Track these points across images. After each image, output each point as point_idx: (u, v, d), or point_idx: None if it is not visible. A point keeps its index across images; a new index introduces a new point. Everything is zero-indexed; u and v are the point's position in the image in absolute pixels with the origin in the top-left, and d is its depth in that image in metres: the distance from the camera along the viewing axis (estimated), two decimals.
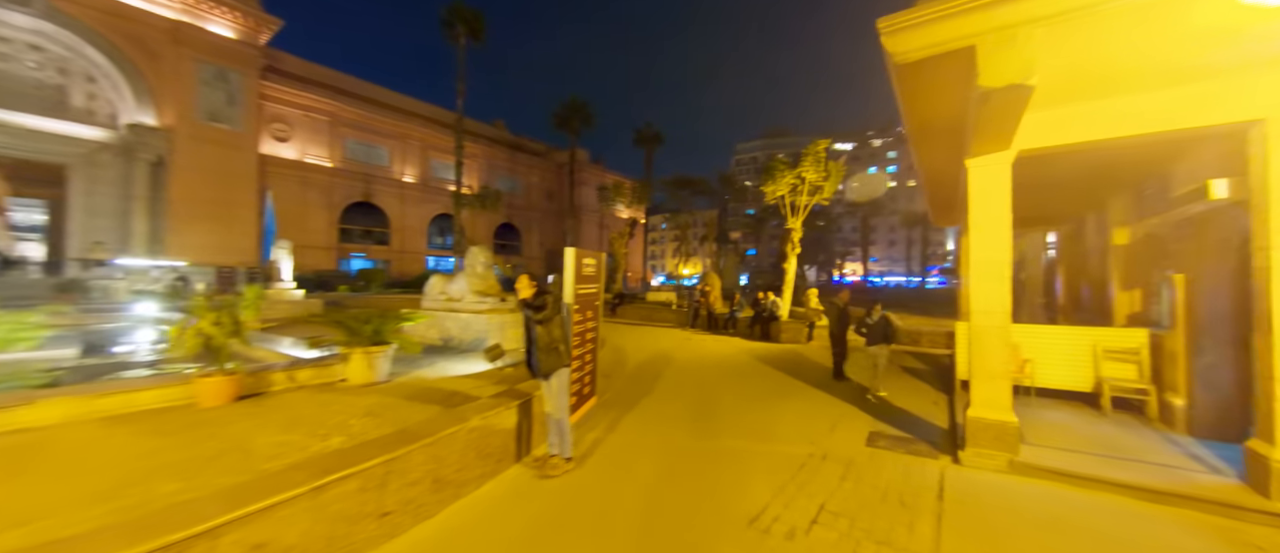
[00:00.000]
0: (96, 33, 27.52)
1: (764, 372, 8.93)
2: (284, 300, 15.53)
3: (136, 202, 29.53)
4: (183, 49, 30.55)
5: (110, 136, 29.48)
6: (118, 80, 28.97)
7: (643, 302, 24.46)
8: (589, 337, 5.64)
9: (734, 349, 11.62)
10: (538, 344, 4.24)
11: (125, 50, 28.65)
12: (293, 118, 37.63)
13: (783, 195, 14.17)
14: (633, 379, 7.94)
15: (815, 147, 13.07)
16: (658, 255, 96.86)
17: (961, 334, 6.87)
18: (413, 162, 45.26)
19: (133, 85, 29.09)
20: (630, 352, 10.91)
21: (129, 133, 29.14)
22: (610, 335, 13.64)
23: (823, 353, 11.20)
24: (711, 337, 14.03)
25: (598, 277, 5.77)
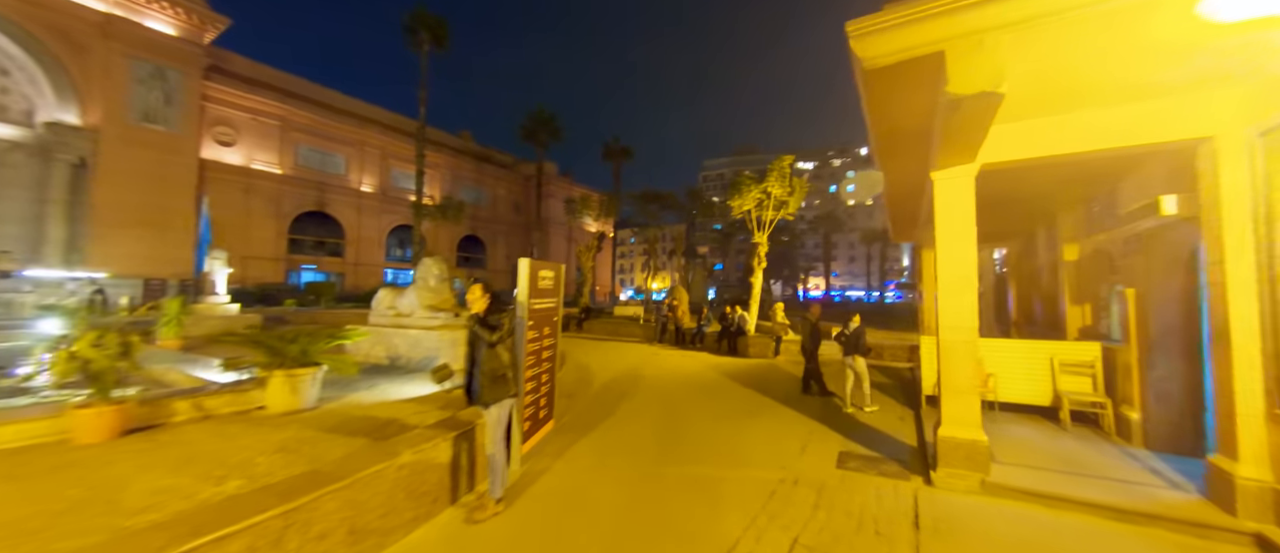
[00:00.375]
0: (9, 21, 25.08)
1: (732, 388, 8.68)
2: (215, 316, 14.21)
3: (53, 206, 26.82)
4: (114, 44, 28.29)
5: (23, 135, 26.79)
6: (35, 74, 26.46)
7: (610, 316, 24.02)
8: (546, 356, 5.22)
9: (702, 365, 11.37)
10: (482, 368, 3.78)
11: (45, 42, 26.24)
12: (239, 121, 35.47)
13: (749, 210, 14.20)
14: (596, 399, 7.51)
15: (780, 162, 13.19)
16: (627, 270, 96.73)
17: (928, 349, 6.84)
18: (371, 170, 43.48)
19: (53, 80, 26.62)
20: (596, 369, 10.47)
21: (46, 132, 26.58)
22: (576, 351, 13.14)
23: (791, 367, 11.10)
24: (679, 352, 13.76)
25: (556, 290, 5.37)
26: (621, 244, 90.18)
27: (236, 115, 35.37)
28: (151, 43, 29.49)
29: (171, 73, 30.40)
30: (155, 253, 29.00)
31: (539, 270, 4.86)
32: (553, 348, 5.39)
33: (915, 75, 3.62)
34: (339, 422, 4.66)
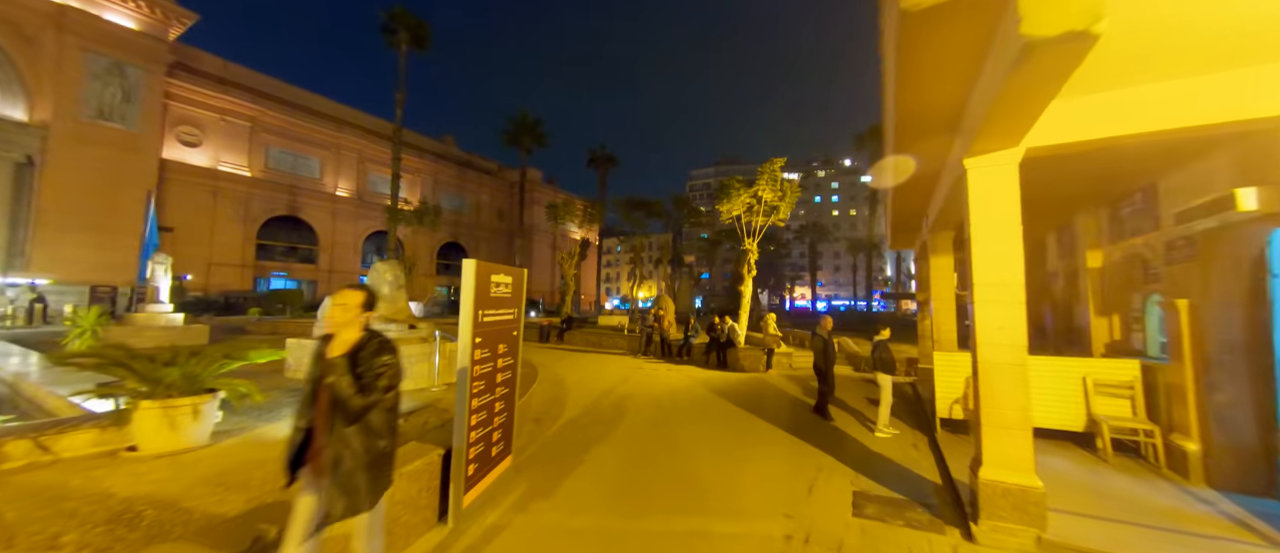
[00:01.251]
0: None
1: (723, 409, 7.79)
2: (154, 327, 12.84)
3: None
4: (68, 37, 26.63)
5: None
6: None
7: (594, 326, 23.02)
8: (502, 380, 4.27)
9: (689, 380, 10.46)
10: (350, 445, 2.14)
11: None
12: (205, 121, 33.82)
13: (738, 215, 13.45)
14: (569, 425, 6.54)
15: (771, 165, 12.50)
16: (613, 278, 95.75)
17: (943, 367, 6.05)
18: (347, 174, 41.99)
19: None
20: (572, 386, 9.49)
21: None
22: (553, 365, 12.13)
23: (785, 382, 10.27)
24: (665, 365, 12.84)
25: (514, 299, 4.44)
26: (608, 253, 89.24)
27: (203, 115, 33.73)
28: (110, 36, 27.87)
29: (131, 69, 28.76)
30: (106, 259, 27.10)
31: (491, 275, 3.93)
32: (511, 370, 4.45)
33: (962, 27, 2.84)
34: (232, 467, 3.64)
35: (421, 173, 48.16)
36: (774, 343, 11.85)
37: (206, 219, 33.24)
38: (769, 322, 11.86)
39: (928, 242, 7.36)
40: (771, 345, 11.75)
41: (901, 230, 9.42)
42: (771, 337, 11.84)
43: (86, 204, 26.68)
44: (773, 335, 11.81)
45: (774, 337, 11.79)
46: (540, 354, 14.73)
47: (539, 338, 18.98)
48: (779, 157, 12.47)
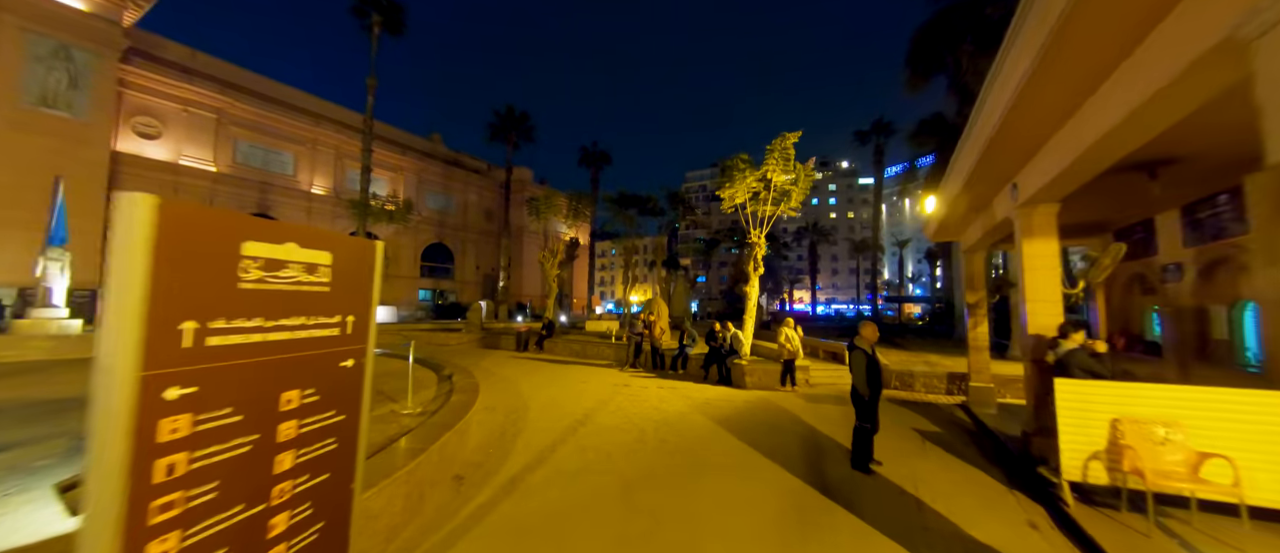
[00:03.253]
0: None
1: (732, 454, 5.71)
2: (41, 335, 10.61)
3: None
4: (5, 15, 24.31)
5: None
6: None
7: (580, 332, 20.90)
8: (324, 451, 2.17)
9: (685, 402, 8.38)
10: None
11: None
12: (166, 112, 31.50)
13: (742, 203, 11.43)
14: (505, 491, 4.43)
15: (783, 141, 10.48)
16: (608, 281, 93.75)
17: (1073, 402, 3.99)
18: (324, 171, 39.70)
19: None
20: (535, 412, 7.38)
21: None
22: (520, 381, 10.02)
23: (803, 406, 8.19)
24: (656, 380, 10.76)
25: (355, 296, 2.35)
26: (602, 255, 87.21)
27: (163, 105, 31.40)
28: (54, 16, 25.58)
29: (79, 52, 26.45)
30: None
31: (229, 230, 1.82)
32: (347, 440, 2.33)
33: None
34: None
35: (405, 170, 45.95)
36: (786, 351, 9.78)
37: None
38: (787, 330, 9.79)
39: (1017, 221, 5.33)
40: (788, 356, 9.69)
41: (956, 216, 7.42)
42: (785, 348, 9.77)
43: (24, 199, 24.29)
44: (788, 346, 9.74)
45: (787, 349, 9.72)
46: (510, 366, 12.61)
47: (516, 346, 16.85)
48: (790, 131, 10.46)
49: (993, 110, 4.58)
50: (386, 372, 8.61)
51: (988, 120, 4.74)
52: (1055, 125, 4.30)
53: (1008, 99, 4.15)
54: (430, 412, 5.55)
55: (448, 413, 5.22)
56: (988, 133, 4.73)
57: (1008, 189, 5.53)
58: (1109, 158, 4.05)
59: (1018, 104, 4.04)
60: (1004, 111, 4.26)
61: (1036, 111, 4.16)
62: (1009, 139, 4.58)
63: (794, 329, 9.96)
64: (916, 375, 10.11)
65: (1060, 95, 3.89)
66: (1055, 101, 4.00)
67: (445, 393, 6.70)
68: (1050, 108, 4.10)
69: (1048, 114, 4.19)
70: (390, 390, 7.06)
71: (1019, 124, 4.37)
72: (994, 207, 6.35)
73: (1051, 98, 3.94)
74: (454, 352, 15.77)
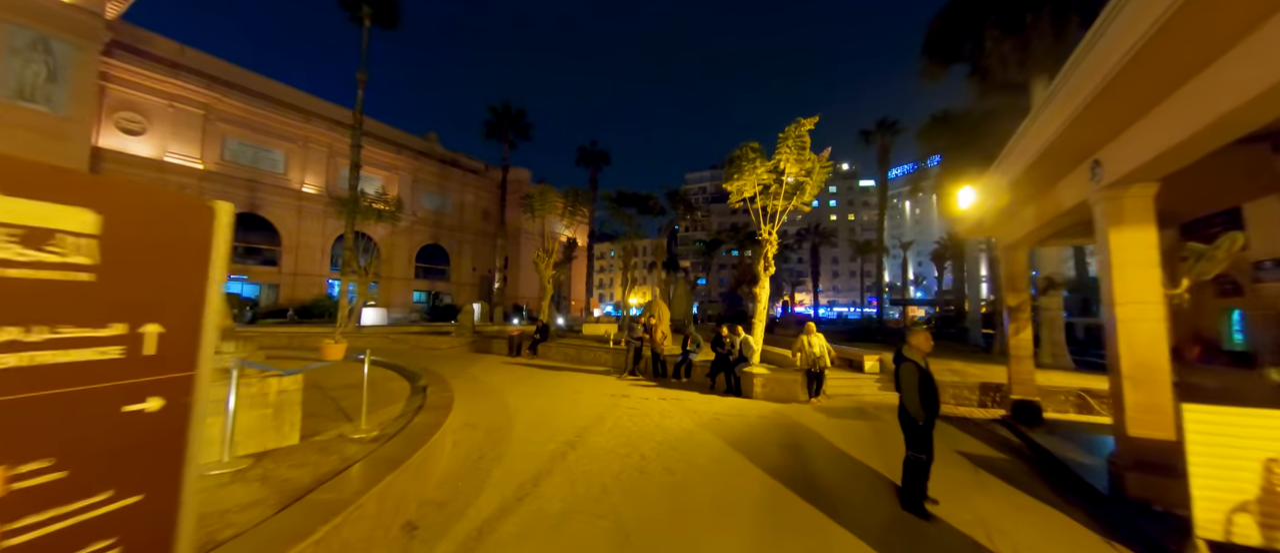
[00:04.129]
0: None
1: (751, 486, 4.77)
2: None
3: None
4: None
5: None
6: None
7: (577, 335, 19.94)
8: None
9: (692, 418, 7.42)
10: None
11: None
12: (150, 107, 30.56)
13: (751, 197, 10.50)
14: (468, 543, 3.47)
15: (797, 128, 9.56)
16: (607, 284, 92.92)
17: (1207, 435, 3.05)
18: (316, 170, 38.77)
19: None
20: (520, 431, 6.42)
21: None
22: (507, 392, 9.05)
23: (825, 422, 7.24)
24: (657, 390, 9.80)
25: (116, 289, 1.39)
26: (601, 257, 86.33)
27: (148, 100, 30.46)
28: (31, 7, 24.64)
29: (59, 44, 25.52)
30: None
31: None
32: (143, 537, 1.36)
33: None
34: None
35: (400, 170, 45.04)
36: (807, 360, 8.82)
37: None
38: (809, 335, 8.83)
39: (1101, 206, 4.40)
40: (810, 366, 8.73)
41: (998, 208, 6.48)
42: (807, 355, 8.80)
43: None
44: (808, 353, 8.77)
45: (807, 355, 8.76)
46: (500, 373, 11.65)
47: (508, 351, 15.88)
48: (806, 117, 9.53)
49: (1090, 75, 3.66)
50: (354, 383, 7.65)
51: (1080, 88, 3.82)
52: (1173, 85, 3.38)
53: (1117, 61, 3.23)
54: (387, 435, 4.60)
55: (403, 441, 4.26)
56: (1080, 101, 3.81)
57: (1086, 168, 4.61)
58: (1250, 124, 3.12)
59: (1135, 62, 3.11)
60: (1110, 74, 3.33)
61: (1155, 69, 3.23)
62: (1109, 105, 3.66)
63: (818, 335, 8.97)
64: (944, 385, 9.15)
65: (1195, 46, 2.97)
66: (1185, 55, 3.07)
67: (414, 409, 5.74)
68: (1175, 63, 3.18)
69: (1170, 71, 3.26)
70: (353, 405, 6.10)
71: (1126, 87, 3.44)
72: (1058, 192, 5.43)
73: (1183, 50, 3.01)
74: (442, 357, 14.81)
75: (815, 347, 8.73)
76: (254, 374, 4.07)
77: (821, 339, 9.03)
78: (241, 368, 3.86)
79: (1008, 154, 5.87)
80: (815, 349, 8.66)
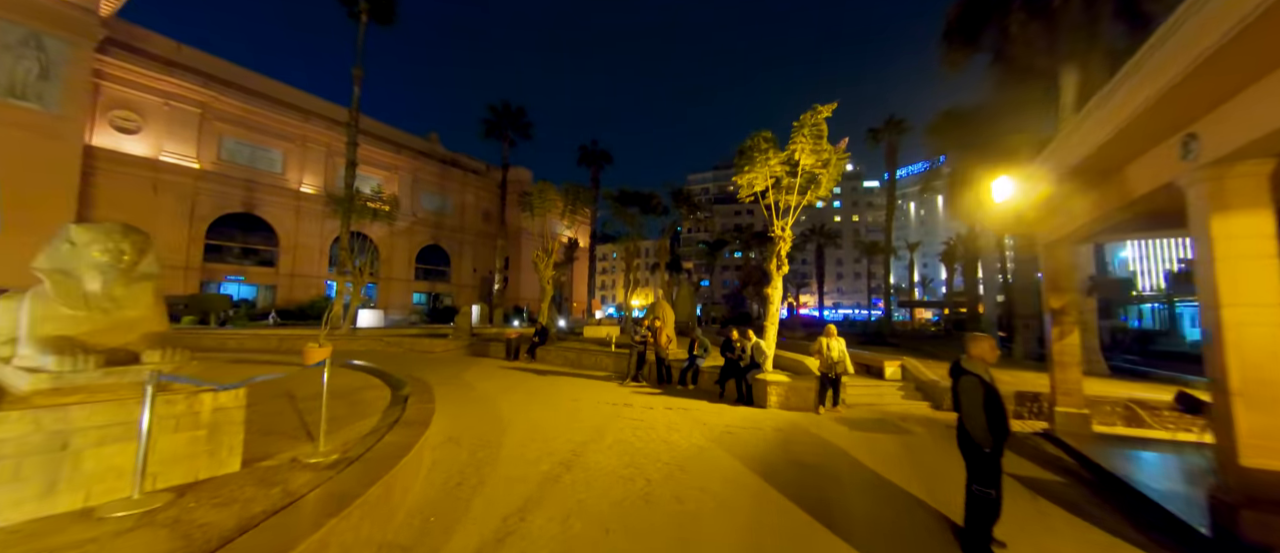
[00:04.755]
0: None
1: (776, 522, 4.07)
2: None
3: None
4: None
5: None
6: None
7: (578, 338, 19.28)
8: None
9: (701, 431, 6.72)
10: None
11: None
12: (145, 106, 30.08)
13: (764, 190, 9.79)
14: None
15: (814, 116, 8.84)
16: (609, 286, 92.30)
17: None
18: (314, 169, 38.26)
19: None
20: (510, 448, 5.74)
21: None
22: (500, 398, 8.36)
23: (850, 436, 6.51)
24: (662, 398, 9.10)
25: None
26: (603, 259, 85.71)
27: (143, 98, 29.98)
28: (24, 3, 24.18)
29: (51, 41, 25.04)
30: (12, 258, 23.19)
31: None
32: None
33: None
34: None
35: (400, 170, 44.54)
36: (828, 366, 8.10)
37: (145, 216, 29.30)
38: (829, 339, 8.10)
39: (1197, 187, 3.69)
40: (828, 371, 8.02)
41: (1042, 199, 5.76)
42: (826, 360, 8.09)
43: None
44: (829, 359, 8.05)
45: (826, 360, 8.05)
46: (495, 378, 10.97)
47: (505, 355, 15.21)
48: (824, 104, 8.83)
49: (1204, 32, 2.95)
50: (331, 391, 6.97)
51: (1187, 47, 3.12)
52: None
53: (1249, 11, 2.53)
54: (349, 458, 3.92)
55: (365, 468, 3.58)
56: (1185, 64, 3.11)
57: (1171, 146, 3.90)
58: None
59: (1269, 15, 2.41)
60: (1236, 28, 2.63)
61: None
62: (1222, 67, 2.96)
63: (838, 339, 8.24)
64: None
65: None
66: None
67: (388, 424, 5.06)
68: None
69: None
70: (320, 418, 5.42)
71: (1250, 44, 2.74)
72: (1127, 176, 4.71)
73: None
74: (435, 362, 14.14)
75: (835, 351, 8.02)
76: (184, 390, 3.39)
77: (841, 343, 8.31)
78: (164, 383, 3.19)
79: (1067, 140, 5.16)
80: (834, 353, 7.95)
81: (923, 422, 7.70)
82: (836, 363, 8.02)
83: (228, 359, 11.47)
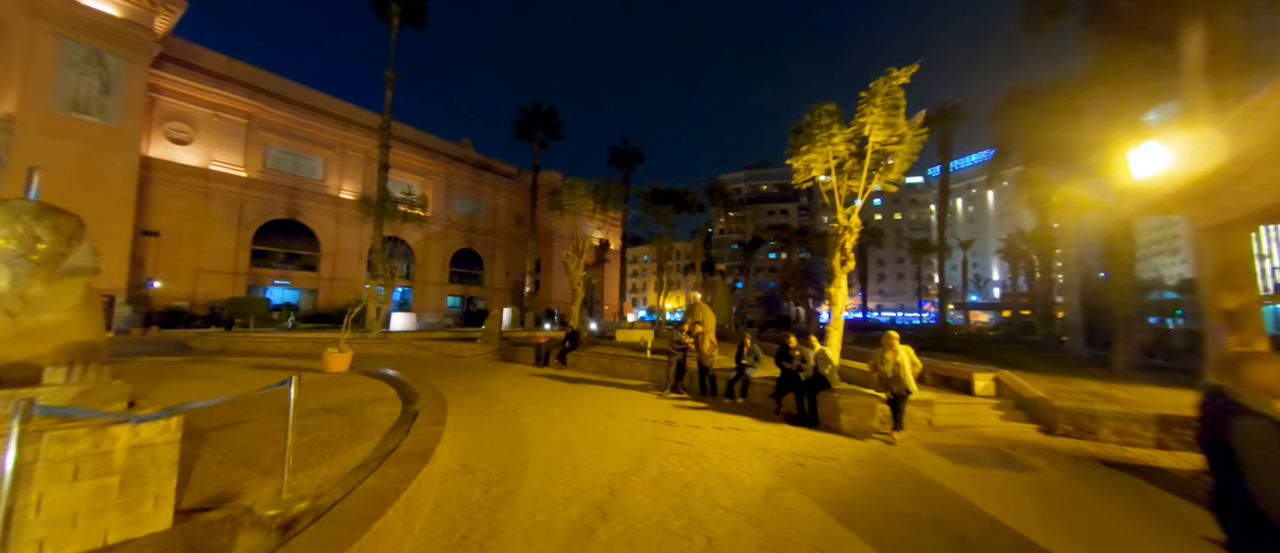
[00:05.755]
0: None
1: None
2: None
3: None
4: (41, 22, 24.33)
5: None
6: None
7: (610, 342, 18.27)
8: None
9: (764, 463, 5.50)
10: None
11: None
12: (197, 117, 31.39)
13: (823, 174, 8.47)
14: None
15: (889, 81, 7.47)
16: (639, 288, 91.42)
17: None
18: (353, 176, 39.17)
19: None
20: (532, 481, 4.74)
21: None
22: (527, 414, 7.38)
23: (964, 479, 5.13)
24: (708, 415, 7.91)
25: None
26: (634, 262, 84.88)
27: (194, 110, 31.31)
28: (88, 23, 25.53)
29: (111, 58, 26.36)
30: None
31: None
32: None
33: None
34: None
35: (434, 175, 45.17)
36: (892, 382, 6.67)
37: (196, 223, 30.58)
38: (894, 347, 6.69)
39: None
40: (894, 388, 6.60)
41: (1236, 171, 4.27)
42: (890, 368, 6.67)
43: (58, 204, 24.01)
44: (890, 371, 6.63)
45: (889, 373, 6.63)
46: (522, 387, 10.06)
47: (534, 360, 14.37)
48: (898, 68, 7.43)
49: None
50: (335, 406, 6.17)
51: None
52: None
53: None
54: (321, 508, 2.96)
55: (333, 529, 2.60)
56: None
57: None
58: None
59: None
60: None
61: None
62: None
63: (905, 347, 6.75)
64: (1099, 416, 6.81)
65: None
66: None
67: (382, 455, 4.12)
68: None
69: None
70: (313, 442, 4.56)
71: None
72: None
73: None
74: (462, 368, 13.44)
75: (900, 364, 6.52)
76: (90, 424, 2.50)
77: (909, 352, 6.80)
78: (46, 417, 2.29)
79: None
80: (902, 366, 6.47)
81: (1038, 451, 6.20)
82: (894, 380, 6.52)
83: (250, 364, 11.08)
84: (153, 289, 27.49)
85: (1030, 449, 6.27)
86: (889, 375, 6.66)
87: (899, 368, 6.59)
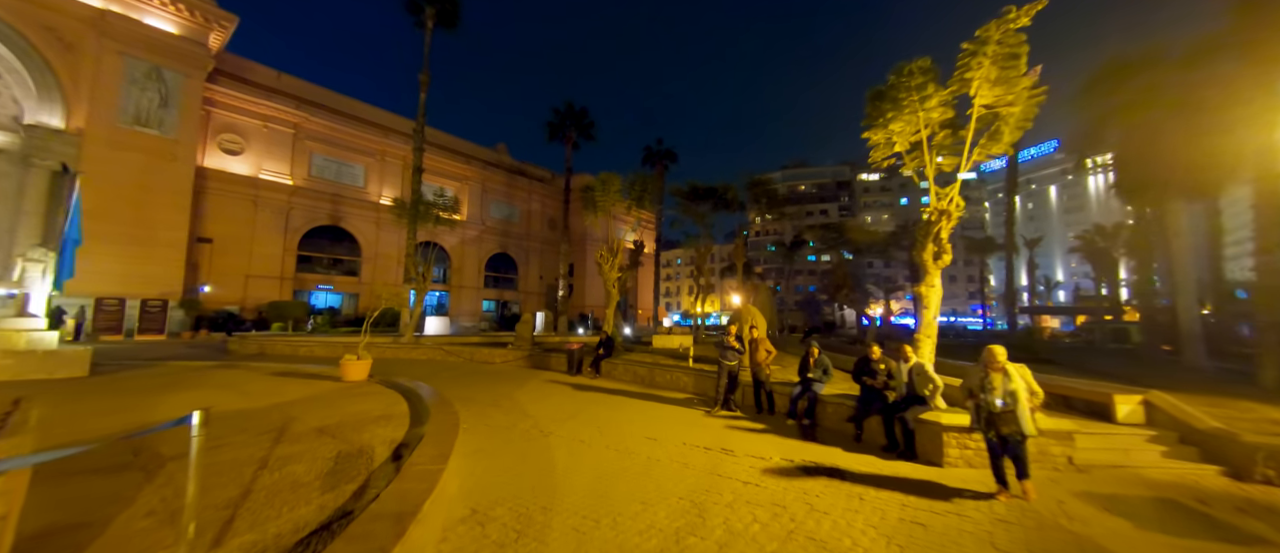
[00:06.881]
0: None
1: None
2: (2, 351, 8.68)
3: (26, 218, 23.91)
4: (107, 41, 25.72)
5: (9, 140, 24.30)
6: (22, 74, 24.07)
7: (646, 348, 17.08)
8: None
9: (867, 520, 4.17)
10: None
11: (28, 36, 23.81)
12: (247, 128, 32.61)
13: (909, 148, 6.96)
14: None
15: (1003, 24, 5.91)
16: (673, 293, 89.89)
17: None
18: (392, 182, 39.86)
19: (37, 80, 24.10)
20: (557, 536, 3.51)
21: (26, 135, 23.93)
22: (555, 434, 6.25)
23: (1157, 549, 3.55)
24: (773, 441, 6.54)
25: None
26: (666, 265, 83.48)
27: (245, 122, 32.55)
28: (149, 41, 26.86)
29: (170, 73, 27.65)
30: (138, 271, 25.47)
31: None
32: None
33: None
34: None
35: (470, 180, 45.54)
36: (1030, 398, 4.96)
37: (246, 230, 31.70)
38: (999, 367, 4.94)
39: None
40: (1003, 429, 4.89)
41: None
42: (998, 405, 4.96)
43: (119, 214, 25.22)
44: (1003, 399, 4.92)
45: (1007, 408, 4.91)
46: (552, 399, 8.98)
47: (567, 368, 13.33)
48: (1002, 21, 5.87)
49: None
50: (337, 422, 5.21)
51: None
52: None
53: None
54: None
55: None
56: None
57: None
58: None
59: None
60: None
61: None
62: None
63: (1019, 367, 4.91)
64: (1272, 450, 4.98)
65: None
66: None
67: (341, 514, 3.03)
68: None
69: None
70: (293, 474, 3.55)
71: None
72: None
73: None
74: (491, 376, 12.55)
75: (1015, 394, 4.62)
76: None
77: (1027, 375, 4.89)
78: None
79: None
80: (1018, 397, 4.62)
81: (1244, 507, 4.50)
82: (1005, 417, 4.58)
83: (273, 371, 10.55)
84: (203, 294, 28.45)
85: (1232, 505, 4.57)
86: (997, 409, 4.67)
87: (1014, 400, 4.63)
